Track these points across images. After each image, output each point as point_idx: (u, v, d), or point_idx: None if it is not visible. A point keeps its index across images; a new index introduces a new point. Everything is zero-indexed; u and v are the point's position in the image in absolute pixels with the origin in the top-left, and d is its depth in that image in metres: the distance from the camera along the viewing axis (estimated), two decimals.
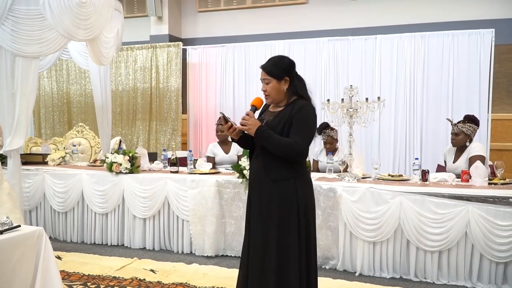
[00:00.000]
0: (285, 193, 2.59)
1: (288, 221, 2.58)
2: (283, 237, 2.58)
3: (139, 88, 7.59)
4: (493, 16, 6.28)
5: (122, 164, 4.70)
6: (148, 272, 4.00)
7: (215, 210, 4.39)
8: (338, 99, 6.19)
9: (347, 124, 4.23)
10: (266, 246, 2.60)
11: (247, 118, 2.59)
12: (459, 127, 4.35)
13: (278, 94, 2.67)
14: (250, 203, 2.75)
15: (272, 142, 2.54)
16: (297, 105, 2.62)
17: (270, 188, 2.60)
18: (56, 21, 4.36)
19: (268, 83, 2.66)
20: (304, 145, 2.57)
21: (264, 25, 7.44)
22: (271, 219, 2.59)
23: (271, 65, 2.68)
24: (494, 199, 3.59)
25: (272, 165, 2.60)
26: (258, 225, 2.65)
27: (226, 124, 2.64)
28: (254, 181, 2.73)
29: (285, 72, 2.67)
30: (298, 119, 2.57)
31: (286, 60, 2.72)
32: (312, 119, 2.64)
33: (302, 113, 2.58)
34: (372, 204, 3.87)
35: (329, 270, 4.07)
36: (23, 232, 2.40)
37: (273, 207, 2.59)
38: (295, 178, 2.62)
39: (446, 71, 6.24)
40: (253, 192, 2.72)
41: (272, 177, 2.60)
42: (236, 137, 2.70)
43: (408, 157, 6.38)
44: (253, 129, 2.56)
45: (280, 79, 2.65)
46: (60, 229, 5.06)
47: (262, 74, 2.69)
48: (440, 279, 3.76)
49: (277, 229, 2.58)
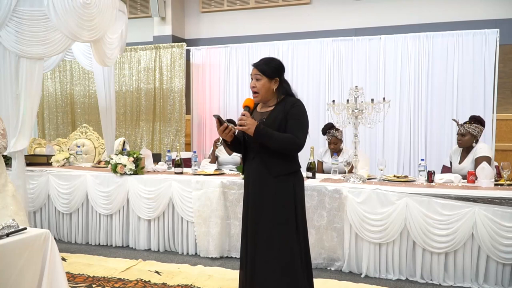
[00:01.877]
0: (284, 188, 2.71)
1: (287, 215, 2.70)
2: (284, 231, 2.69)
3: (143, 89, 7.60)
4: (497, 16, 6.27)
5: (127, 166, 4.69)
6: (153, 273, 4.00)
7: (220, 211, 4.38)
8: (342, 99, 6.21)
9: (352, 125, 4.21)
10: (270, 242, 2.70)
11: (244, 119, 2.64)
12: (466, 127, 4.33)
13: (267, 92, 2.77)
14: (248, 204, 2.82)
15: (274, 138, 2.63)
16: (289, 102, 2.74)
17: (270, 185, 2.70)
18: (60, 22, 4.36)
19: (258, 80, 2.76)
20: (303, 138, 2.70)
21: (267, 25, 7.44)
22: (272, 215, 2.69)
23: (263, 64, 2.77)
24: (501, 200, 3.56)
25: (273, 162, 2.71)
26: (260, 224, 2.72)
27: (221, 126, 2.71)
28: (253, 180, 2.79)
29: (276, 73, 2.78)
30: (293, 115, 2.69)
31: (277, 61, 2.83)
32: (305, 113, 2.77)
33: (296, 108, 2.72)
34: (378, 206, 3.85)
35: (334, 271, 4.06)
36: (29, 235, 2.38)
37: (274, 203, 2.69)
38: (293, 173, 2.76)
39: (450, 71, 6.23)
40: (252, 192, 2.79)
41: (274, 173, 2.70)
42: (230, 139, 2.78)
43: (412, 157, 6.36)
44: (252, 128, 2.62)
45: (271, 78, 2.76)
46: (65, 230, 5.06)
47: (253, 70, 2.79)
48: (446, 281, 3.74)
49: (278, 224, 2.69)
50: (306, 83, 6.87)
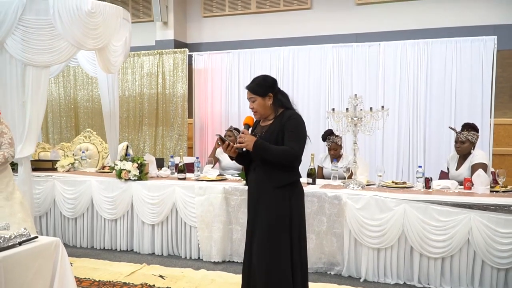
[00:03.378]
0: (280, 199, 2.83)
1: (281, 226, 2.82)
2: (277, 241, 2.81)
3: (146, 93, 7.69)
4: (496, 21, 6.35)
5: (131, 171, 4.79)
6: (157, 278, 4.09)
7: (222, 216, 4.47)
8: (342, 106, 6.29)
9: (352, 132, 4.31)
10: (263, 249, 2.84)
11: (243, 136, 2.83)
12: (465, 135, 4.41)
13: (264, 109, 2.93)
14: (249, 213, 2.99)
15: (270, 152, 2.78)
16: (286, 115, 2.88)
17: (269, 196, 2.84)
18: (65, 30, 4.45)
19: (254, 101, 2.92)
20: (299, 149, 2.82)
21: (268, 30, 7.53)
22: (267, 225, 2.83)
23: (254, 85, 2.93)
24: (496, 207, 3.66)
25: (273, 173, 2.84)
26: (259, 232, 2.86)
27: (223, 144, 2.88)
28: (254, 191, 2.95)
29: (268, 89, 2.91)
30: (289, 127, 2.83)
31: (268, 79, 2.97)
32: (301, 125, 2.89)
33: (292, 121, 2.85)
34: (376, 212, 3.95)
35: (334, 276, 4.15)
36: (41, 243, 2.47)
37: (269, 214, 2.83)
38: (294, 183, 2.90)
39: (449, 77, 6.31)
40: (252, 202, 2.96)
41: (274, 184, 2.84)
42: (234, 154, 2.95)
43: (411, 163, 6.44)
44: (250, 144, 2.80)
45: (264, 95, 2.90)
46: (70, 235, 5.16)
47: (248, 94, 2.95)
48: (443, 285, 3.83)
49: (271, 234, 2.82)
50: (307, 89, 6.97)
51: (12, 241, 2.36)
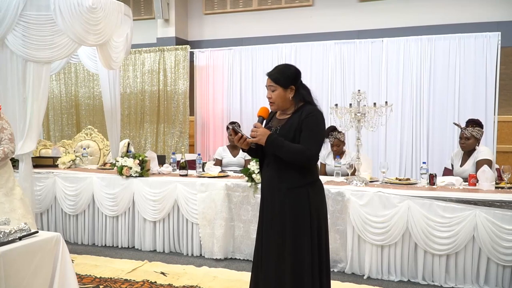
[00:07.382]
0: (298, 200, 2.60)
1: (301, 227, 2.60)
2: (296, 243, 2.59)
3: (147, 90, 7.66)
4: (499, 18, 6.30)
5: (132, 168, 4.76)
6: (158, 274, 4.06)
7: (224, 213, 4.44)
8: (345, 102, 6.26)
9: (355, 128, 4.27)
10: (280, 253, 2.62)
11: (255, 130, 2.61)
12: (470, 131, 4.36)
13: (283, 102, 2.69)
14: (263, 211, 2.76)
15: (283, 149, 2.55)
16: (305, 111, 2.63)
17: (284, 195, 2.60)
18: (67, 26, 4.42)
19: (274, 91, 2.67)
20: (315, 150, 2.58)
21: (270, 27, 7.49)
22: (284, 226, 2.61)
23: (277, 73, 2.69)
24: (501, 203, 3.62)
25: (286, 172, 2.61)
26: (271, 232, 2.67)
27: (236, 136, 2.64)
28: (267, 188, 2.73)
29: (291, 81, 2.68)
30: (307, 125, 2.58)
31: (293, 69, 2.73)
32: (321, 124, 2.65)
33: (311, 118, 2.60)
34: (380, 208, 3.91)
35: (337, 273, 4.12)
36: (41, 238, 2.45)
37: (287, 214, 2.60)
38: (309, 185, 2.63)
39: (452, 74, 6.26)
40: (266, 200, 2.73)
41: (287, 185, 2.61)
42: (247, 147, 2.70)
43: (414, 160, 6.40)
44: (263, 139, 2.57)
45: (286, 87, 2.67)
46: (71, 232, 5.13)
47: (268, 81, 2.70)
48: (447, 282, 3.80)
49: (290, 236, 2.60)
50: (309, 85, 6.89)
51: (12, 235, 2.33)
